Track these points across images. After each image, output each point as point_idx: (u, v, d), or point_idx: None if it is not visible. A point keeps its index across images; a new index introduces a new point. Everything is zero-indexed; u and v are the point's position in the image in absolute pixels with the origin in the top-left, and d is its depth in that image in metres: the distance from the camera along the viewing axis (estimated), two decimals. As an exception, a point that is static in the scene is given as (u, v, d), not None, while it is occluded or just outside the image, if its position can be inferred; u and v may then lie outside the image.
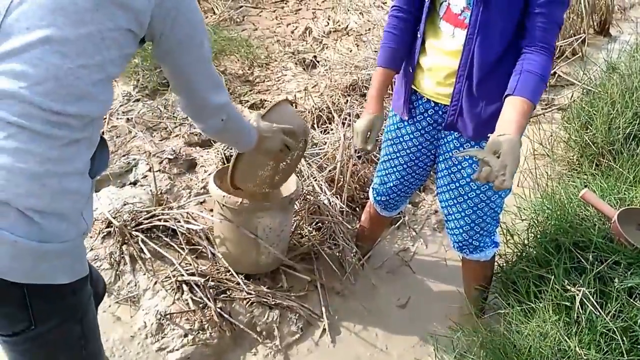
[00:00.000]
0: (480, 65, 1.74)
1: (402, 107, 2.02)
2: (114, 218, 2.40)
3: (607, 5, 5.19)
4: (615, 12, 5.57)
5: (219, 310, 2.19)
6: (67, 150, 1.12)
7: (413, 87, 1.99)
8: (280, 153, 1.94)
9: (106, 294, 2.21)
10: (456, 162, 1.96)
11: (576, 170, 3.11)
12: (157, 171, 2.83)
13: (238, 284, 2.28)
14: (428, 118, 2.00)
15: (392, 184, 2.22)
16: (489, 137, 1.61)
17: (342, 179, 2.74)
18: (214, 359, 2.13)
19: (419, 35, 1.91)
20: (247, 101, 3.76)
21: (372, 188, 2.35)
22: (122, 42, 1.16)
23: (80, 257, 1.23)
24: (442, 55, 1.85)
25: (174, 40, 1.28)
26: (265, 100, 3.78)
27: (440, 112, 1.95)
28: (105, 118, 3.29)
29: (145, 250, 2.34)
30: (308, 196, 2.63)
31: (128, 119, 3.36)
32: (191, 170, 3.05)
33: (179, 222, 2.42)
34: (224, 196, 2.19)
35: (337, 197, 2.70)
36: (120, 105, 3.49)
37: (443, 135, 1.99)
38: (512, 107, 1.63)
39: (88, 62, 1.11)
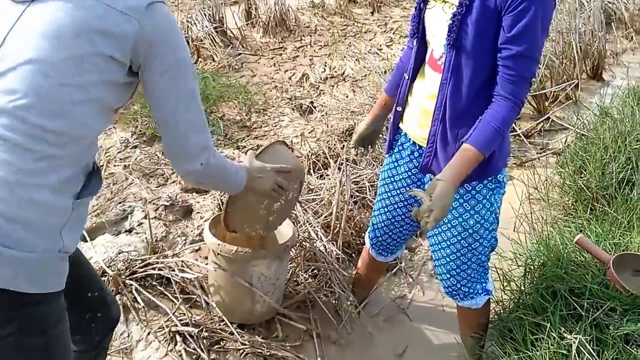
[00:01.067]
0: (452, 109, 1.77)
1: (387, 144, 2.09)
2: (108, 267, 2.40)
3: (600, 51, 5.28)
4: (608, 57, 5.67)
5: (212, 361, 2.16)
6: (41, 164, 1.19)
7: (402, 127, 2.03)
8: (273, 193, 1.92)
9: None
10: None
11: (571, 215, 3.12)
12: (152, 218, 2.83)
13: (232, 334, 2.26)
14: (414, 160, 2.03)
15: (384, 225, 2.22)
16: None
17: (337, 225, 2.75)
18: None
19: (406, 77, 1.95)
20: (245, 146, 3.80)
21: (368, 232, 2.36)
22: (103, 67, 1.23)
23: (52, 272, 1.26)
24: (424, 98, 1.89)
25: (157, 71, 1.30)
26: (262, 146, 3.80)
27: (421, 154, 1.96)
28: (103, 165, 3.32)
29: (139, 300, 2.33)
30: (304, 243, 2.64)
31: (125, 165, 3.38)
32: (187, 217, 3.05)
33: (173, 270, 2.42)
34: (218, 244, 2.19)
35: (333, 244, 2.70)
36: (118, 152, 3.52)
37: (424, 179, 2.02)
38: (460, 154, 1.68)
39: (68, 82, 1.20)
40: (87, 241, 2.58)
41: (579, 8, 5.55)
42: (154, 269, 2.44)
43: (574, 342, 1.94)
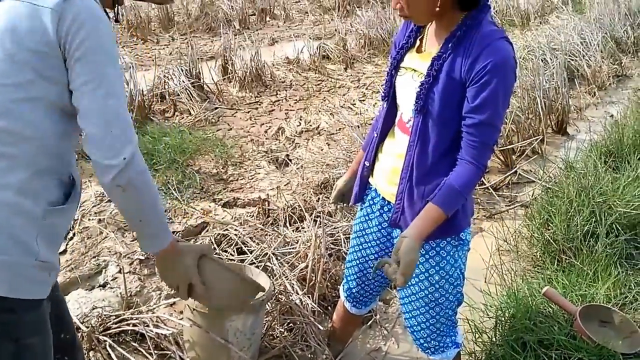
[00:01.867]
0: (418, 169, 1.86)
1: (353, 195, 2.18)
2: (82, 323, 2.39)
3: (564, 106, 5.49)
4: (572, 112, 5.88)
5: (187, 418, 2.15)
6: (0, 164, 1.24)
7: (372, 183, 2.12)
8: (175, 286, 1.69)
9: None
10: None
11: (540, 266, 3.20)
12: (127, 272, 2.83)
13: (207, 389, 2.25)
14: (384, 214, 2.10)
15: (357, 277, 2.27)
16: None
17: (313, 278, 2.77)
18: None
19: (375, 135, 2.04)
20: (221, 199, 3.83)
21: (342, 284, 2.40)
22: (35, 63, 1.26)
23: (29, 279, 1.26)
24: (394, 157, 1.99)
25: (77, 56, 1.27)
26: (239, 199, 3.85)
27: (390, 209, 2.03)
28: (77, 219, 3.32)
29: (112, 356, 2.31)
30: (280, 296, 2.65)
31: (100, 219, 3.38)
32: (162, 271, 3.05)
33: (147, 326, 2.41)
34: (193, 300, 2.20)
35: (308, 297, 2.72)
36: (93, 206, 3.52)
37: (393, 233, 2.09)
38: (424, 212, 1.78)
39: (5, 82, 1.25)
40: (61, 296, 2.56)
41: (542, 65, 5.78)
42: (128, 324, 2.43)
43: (544, 394, 1.99)
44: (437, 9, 1.72)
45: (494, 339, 2.45)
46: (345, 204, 2.38)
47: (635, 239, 3.20)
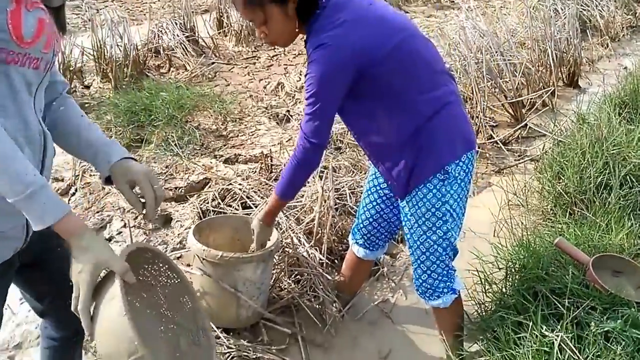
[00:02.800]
0: (369, 151, 2.18)
1: None
2: (91, 274, 2.46)
3: (575, 58, 5.51)
4: (584, 64, 5.91)
5: (198, 366, 2.23)
6: None
7: None
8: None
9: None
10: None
11: (550, 219, 3.27)
12: (132, 227, 2.90)
13: (218, 338, 2.35)
14: None
15: (373, 219, 2.41)
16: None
17: (320, 231, 2.85)
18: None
19: None
20: (222, 155, 3.89)
21: (352, 232, 2.52)
22: None
23: None
24: None
25: None
26: (240, 155, 3.91)
27: None
28: (79, 175, 3.38)
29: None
30: (287, 249, 2.73)
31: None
32: (167, 226, 3.13)
33: (156, 277, 2.49)
34: (204, 250, 2.28)
35: (316, 249, 2.80)
36: (93, 162, 3.57)
37: None
38: (270, 197, 2.25)
39: None
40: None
41: (553, 15, 5.78)
42: (136, 276, 2.51)
43: (556, 340, 2.07)
44: (296, 30, 1.98)
45: (504, 290, 2.54)
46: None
47: (649, 190, 3.26)
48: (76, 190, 3.25)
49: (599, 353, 2.06)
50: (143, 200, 1.47)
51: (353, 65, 1.85)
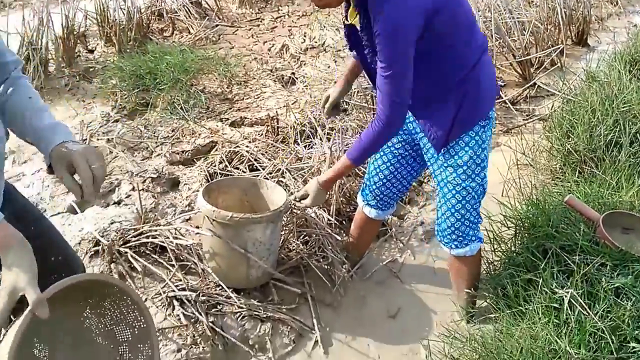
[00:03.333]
0: None
1: None
2: (102, 237, 2.48)
3: (584, 16, 5.42)
4: (593, 22, 5.80)
5: (210, 324, 2.26)
6: None
7: None
8: None
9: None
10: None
11: (559, 178, 3.26)
12: (140, 190, 2.91)
13: (229, 297, 2.37)
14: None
15: (386, 180, 2.41)
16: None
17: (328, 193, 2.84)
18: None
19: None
20: (228, 119, 3.87)
21: (361, 192, 2.53)
22: None
23: None
24: None
25: None
26: (246, 118, 3.89)
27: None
28: (86, 139, 3.37)
29: (134, 267, 2.41)
30: (295, 210, 2.73)
31: (108, 139, 3.44)
32: (174, 189, 3.14)
33: (167, 238, 2.50)
34: (213, 211, 2.28)
35: (324, 210, 2.80)
36: (100, 126, 3.57)
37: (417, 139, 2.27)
38: (337, 162, 2.23)
39: None
40: (76, 213, 2.64)
41: (563, -27, 5.66)
42: (147, 237, 2.52)
43: (566, 296, 2.08)
44: None
45: (513, 248, 2.54)
46: (338, 115, 2.44)
47: (659, 148, 3.24)
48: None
49: (609, 309, 2.08)
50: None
51: (424, 12, 1.81)
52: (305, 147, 3.32)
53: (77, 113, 3.85)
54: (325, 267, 2.65)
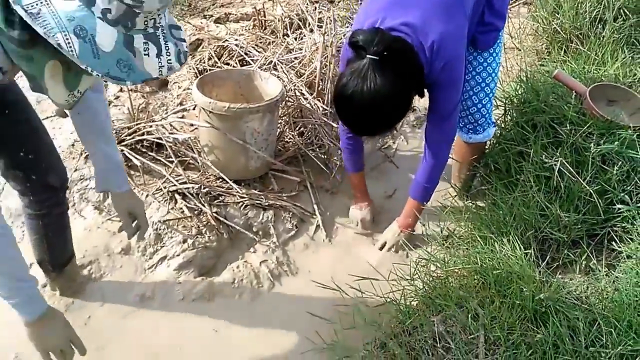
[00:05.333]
0: None
1: None
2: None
3: None
4: None
5: (214, 214, 2.34)
6: None
7: None
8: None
9: (98, 212, 2.35)
10: None
11: (545, 59, 3.30)
12: (130, 90, 2.90)
13: (230, 189, 2.44)
14: None
15: None
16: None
17: (322, 83, 2.86)
18: (214, 260, 2.30)
19: None
20: (211, 15, 3.80)
21: None
22: None
23: None
24: None
25: None
26: (230, 14, 3.82)
27: None
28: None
29: (132, 165, 2.45)
30: (289, 100, 2.76)
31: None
32: (163, 89, 3.13)
33: (163, 134, 2.53)
34: (210, 102, 2.30)
35: (319, 100, 2.83)
36: (80, 29, 3.49)
37: None
38: (407, 205, 2.35)
39: None
40: (66, 116, 2.66)
41: None
42: (142, 134, 2.55)
43: (556, 165, 2.18)
44: None
45: (503, 125, 2.61)
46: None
47: (641, 24, 3.27)
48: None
49: (596, 175, 2.18)
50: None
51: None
52: (295, 39, 3.29)
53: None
54: (322, 156, 2.71)
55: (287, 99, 2.75)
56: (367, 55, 1.71)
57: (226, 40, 3.22)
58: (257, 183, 2.57)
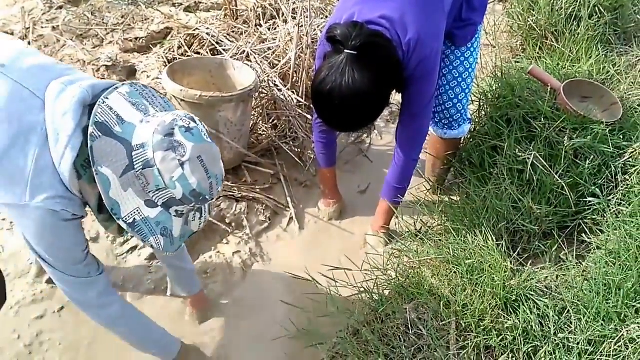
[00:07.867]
0: None
1: None
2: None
3: None
4: None
5: (186, 205, 2.41)
6: None
7: None
8: None
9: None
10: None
11: (520, 56, 3.45)
12: (99, 78, 2.96)
13: (202, 179, 2.51)
14: None
15: None
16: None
17: (296, 75, 2.94)
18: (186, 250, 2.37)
19: None
20: (181, 4, 3.87)
21: None
22: None
23: None
24: None
25: None
26: (201, 2, 3.89)
27: None
28: (29, 27, 3.35)
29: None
30: (263, 92, 2.84)
31: (54, 27, 3.42)
32: (131, 77, 3.19)
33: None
34: (181, 90, 2.35)
35: (293, 92, 2.92)
36: (43, 14, 3.54)
37: None
38: (379, 206, 2.46)
39: None
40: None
41: None
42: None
43: (529, 159, 2.31)
44: None
45: (477, 120, 2.74)
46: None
47: (615, 22, 3.44)
48: (29, 43, 3.24)
49: (568, 168, 2.33)
50: None
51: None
52: (268, 29, 3.38)
53: (16, 1, 3.79)
54: (296, 149, 2.81)
55: (260, 90, 2.83)
56: (345, 50, 1.74)
57: (197, 29, 3.29)
58: (230, 175, 2.65)
